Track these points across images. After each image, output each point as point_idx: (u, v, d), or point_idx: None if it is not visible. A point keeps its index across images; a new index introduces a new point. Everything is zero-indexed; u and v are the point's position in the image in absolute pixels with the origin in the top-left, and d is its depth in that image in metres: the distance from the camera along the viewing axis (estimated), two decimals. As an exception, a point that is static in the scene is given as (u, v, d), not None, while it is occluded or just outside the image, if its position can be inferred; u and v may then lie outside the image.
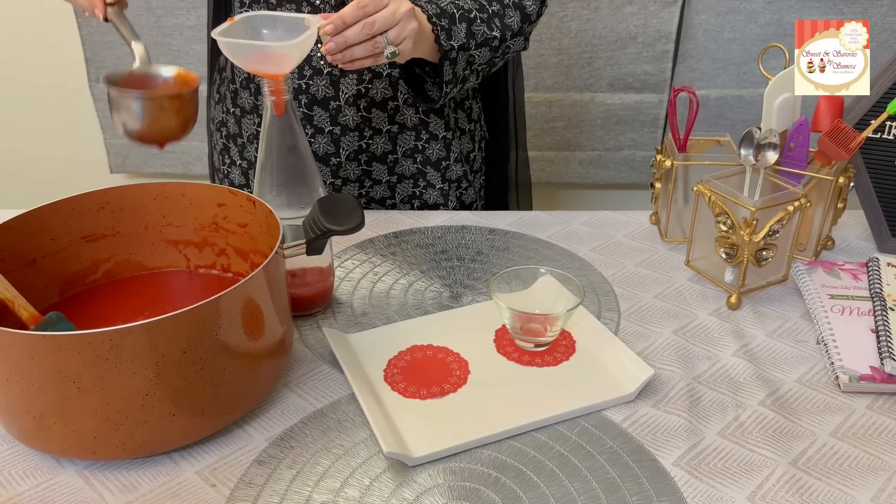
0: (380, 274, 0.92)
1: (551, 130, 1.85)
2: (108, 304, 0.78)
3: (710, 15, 1.70)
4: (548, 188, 1.95)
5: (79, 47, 1.81)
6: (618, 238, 1.00)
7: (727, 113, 1.79)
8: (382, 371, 0.75)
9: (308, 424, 0.69)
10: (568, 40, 1.73)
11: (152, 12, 1.75)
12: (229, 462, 0.65)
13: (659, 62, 1.75)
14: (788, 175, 0.90)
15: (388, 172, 1.08)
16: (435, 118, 1.07)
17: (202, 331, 0.61)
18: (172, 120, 0.79)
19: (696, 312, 0.85)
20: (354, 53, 0.82)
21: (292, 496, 0.62)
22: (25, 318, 0.68)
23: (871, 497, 0.62)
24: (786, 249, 0.88)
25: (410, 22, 0.84)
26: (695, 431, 0.68)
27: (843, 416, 0.71)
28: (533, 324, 0.76)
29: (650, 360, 0.77)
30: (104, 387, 0.59)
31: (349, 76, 1.01)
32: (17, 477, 0.64)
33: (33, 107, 1.94)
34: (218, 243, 0.82)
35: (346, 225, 0.69)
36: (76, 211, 0.76)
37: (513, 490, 0.62)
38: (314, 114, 1.03)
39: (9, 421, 0.64)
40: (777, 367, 0.77)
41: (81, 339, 0.57)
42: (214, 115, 1.15)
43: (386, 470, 0.64)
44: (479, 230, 1.01)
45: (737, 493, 0.62)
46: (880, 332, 0.76)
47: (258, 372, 0.68)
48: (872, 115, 0.92)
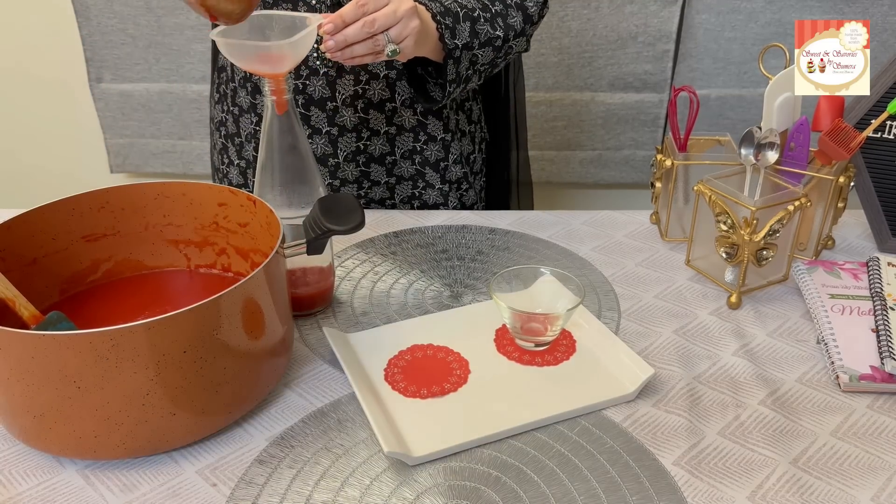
0: (380, 273, 0.92)
1: (552, 130, 1.85)
2: (109, 304, 0.78)
3: (711, 14, 1.70)
4: (548, 188, 1.95)
5: (79, 47, 1.82)
6: (618, 237, 1.00)
7: (727, 112, 1.79)
8: (383, 370, 0.75)
9: (308, 424, 0.69)
10: (568, 40, 1.73)
11: (153, 12, 1.75)
12: (230, 461, 0.65)
13: (659, 62, 1.75)
14: (789, 174, 0.90)
15: (387, 174, 1.08)
16: (433, 120, 1.07)
17: (203, 330, 0.61)
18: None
19: (696, 312, 0.85)
20: (355, 51, 0.82)
21: (293, 495, 0.62)
22: (26, 318, 0.68)
23: (872, 496, 0.62)
24: (786, 249, 0.88)
25: (412, 20, 0.84)
26: (695, 431, 0.68)
27: (843, 415, 0.71)
28: (533, 323, 0.76)
29: (650, 359, 0.77)
30: (105, 386, 0.59)
31: (346, 77, 1.01)
32: (17, 476, 0.64)
33: (34, 106, 1.94)
34: (218, 243, 0.82)
35: (346, 224, 0.69)
36: (76, 210, 0.76)
37: (513, 489, 0.62)
38: (311, 114, 1.03)
39: (9, 420, 0.64)
40: (777, 366, 0.77)
41: (82, 338, 0.57)
42: (214, 114, 1.15)
43: (386, 469, 0.64)
44: (479, 230, 1.01)
45: (737, 493, 0.62)
46: (880, 331, 0.76)
47: (258, 371, 0.68)
48: (873, 115, 0.92)
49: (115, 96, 1.87)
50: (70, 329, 0.69)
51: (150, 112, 1.88)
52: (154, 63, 1.82)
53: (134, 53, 1.81)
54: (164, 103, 1.86)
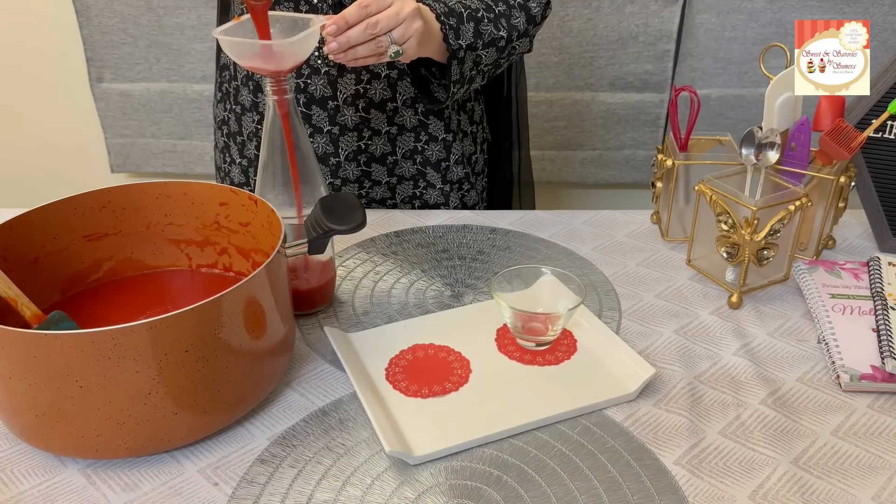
0: (381, 273, 0.92)
1: (552, 130, 1.85)
2: (110, 304, 0.78)
3: (711, 14, 1.70)
4: (549, 187, 1.95)
5: (80, 46, 1.82)
6: (619, 237, 1.00)
7: (728, 112, 1.79)
8: (384, 370, 0.75)
9: (310, 423, 0.69)
10: (569, 40, 1.74)
11: (153, 12, 1.76)
12: (231, 461, 0.65)
13: (660, 61, 1.75)
14: (789, 174, 0.90)
15: (388, 174, 1.08)
16: (434, 120, 1.07)
17: (204, 330, 0.61)
18: None
19: (697, 312, 0.85)
20: (358, 53, 0.82)
21: (294, 495, 0.62)
22: (28, 317, 0.68)
23: (873, 496, 0.62)
24: (787, 249, 0.88)
25: (415, 21, 0.84)
26: (696, 430, 0.69)
27: (844, 415, 0.71)
28: (534, 323, 0.76)
29: (651, 359, 0.78)
30: (106, 385, 0.59)
31: (347, 76, 1.01)
32: (19, 476, 0.64)
33: (34, 106, 1.94)
34: (220, 242, 0.82)
35: (347, 224, 0.69)
36: (78, 210, 0.77)
37: (514, 489, 0.62)
38: (312, 113, 1.03)
39: (11, 419, 0.64)
40: (778, 366, 0.77)
41: (84, 337, 0.57)
42: (217, 113, 1.15)
43: (387, 469, 0.64)
44: (480, 229, 1.01)
45: (738, 492, 0.62)
46: (881, 331, 0.76)
47: (260, 371, 0.68)
48: (874, 115, 0.92)
49: (116, 96, 1.87)
50: (72, 328, 0.69)
51: (151, 112, 1.88)
52: (155, 63, 1.82)
53: (135, 53, 1.81)
54: (164, 103, 1.86)
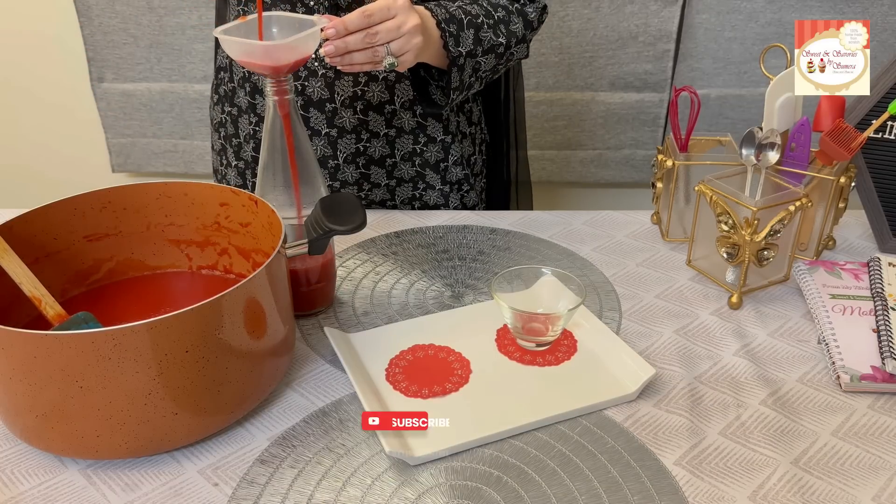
0: (381, 273, 0.92)
1: (552, 130, 1.85)
2: (111, 304, 0.78)
3: (711, 14, 1.70)
4: (549, 187, 1.95)
5: (81, 47, 1.82)
6: (619, 238, 1.00)
7: (728, 112, 1.80)
8: (384, 370, 0.75)
9: (310, 423, 0.69)
10: (569, 39, 1.74)
11: (154, 12, 1.76)
12: (231, 461, 0.65)
13: (660, 61, 1.75)
14: (790, 175, 0.90)
15: (387, 176, 1.08)
16: (433, 122, 1.07)
17: (205, 330, 0.61)
18: None
19: (697, 312, 0.85)
20: (354, 59, 0.82)
21: (294, 495, 0.62)
22: (51, 317, 0.68)
23: (873, 496, 0.62)
24: (787, 249, 0.88)
25: (415, 37, 0.83)
26: (696, 431, 0.69)
27: (844, 415, 0.71)
28: (534, 323, 0.76)
29: (651, 359, 0.78)
30: (107, 386, 0.59)
31: (345, 78, 1.01)
32: (19, 476, 0.64)
33: (35, 106, 1.94)
34: (220, 243, 0.82)
35: (347, 224, 0.70)
36: (78, 210, 0.77)
37: (514, 489, 0.62)
38: (310, 115, 1.03)
39: (11, 420, 0.64)
40: (778, 366, 0.77)
41: (84, 338, 0.57)
42: (213, 115, 1.15)
43: (388, 469, 0.64)
44: (480, 230, 1.01)
45: (738, 493, 0.62)
46: (881, 331, 0.76)
47: (260, 371, 0.68)
48: (874, 115, 0.92)
49: (117, 96, 1.87)
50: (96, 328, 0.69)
51: (152, 112, 1.88)
52: (156, 63, 1.82)
53: (135, 53, 1.81)
54: (165, 103, 1.87)
